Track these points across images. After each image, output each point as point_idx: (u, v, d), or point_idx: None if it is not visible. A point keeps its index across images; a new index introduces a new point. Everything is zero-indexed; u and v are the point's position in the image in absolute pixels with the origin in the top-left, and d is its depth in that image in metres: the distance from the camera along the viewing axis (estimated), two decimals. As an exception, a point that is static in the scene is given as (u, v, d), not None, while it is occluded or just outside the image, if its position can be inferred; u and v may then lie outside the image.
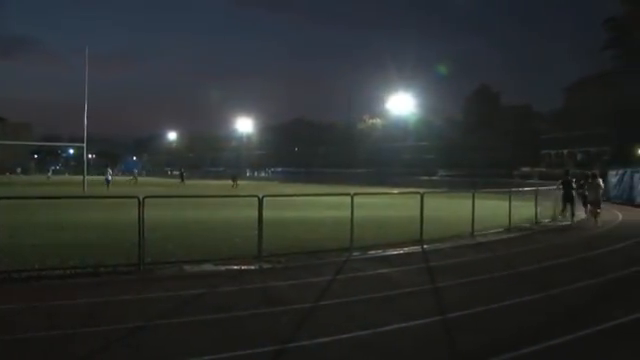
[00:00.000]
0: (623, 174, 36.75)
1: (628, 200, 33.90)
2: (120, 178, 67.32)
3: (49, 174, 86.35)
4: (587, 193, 21.22)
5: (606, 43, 60.98)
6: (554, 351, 5.77)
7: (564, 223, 20.32)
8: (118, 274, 9.41)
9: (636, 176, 34.31)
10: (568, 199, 20.88)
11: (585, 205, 21.61)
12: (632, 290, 9.27)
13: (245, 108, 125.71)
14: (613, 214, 24.63)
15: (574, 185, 21.31)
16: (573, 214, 20.78)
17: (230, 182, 55.29)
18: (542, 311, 7.55)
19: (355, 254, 11.89)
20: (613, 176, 38.59)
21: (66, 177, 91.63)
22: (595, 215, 20.06)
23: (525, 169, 65.51)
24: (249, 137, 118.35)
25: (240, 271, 10.07)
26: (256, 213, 11.03)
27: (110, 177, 44.69)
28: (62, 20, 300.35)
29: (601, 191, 21.07)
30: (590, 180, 21.13)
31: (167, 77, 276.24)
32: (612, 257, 12.77)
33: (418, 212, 14.10)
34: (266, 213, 11.21)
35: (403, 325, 6.55)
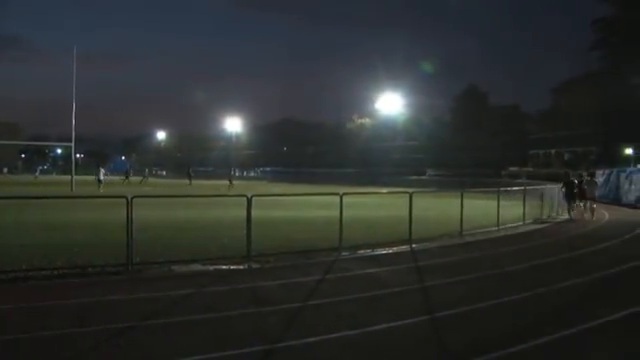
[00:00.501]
0: (610, 174, 37.10)
1: (615, 199, 34.22)
2: (134, 178, 65.75)
3: (37, 174, 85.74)
4: (586, 188, 23.62)
5: (593, 44, 61.49)
6: (542, 349, 5.82)
7: (550, 222, 20.53)
8: (106, 274, 9.38)
9: (622, 176, 34.66)
10: (571, 198, 23.32)
11: (582, 200, 23.88)
12: (617, 289, 9.38)
13: (234, 108, 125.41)
14: (600, 213, 24.84)
15: (576, 185, 23.84)
16: (570, 211, 23.15)
17: (227, 182, 55.03)
18: (530, 310, 7.62)
19: (344, 254, 11.92)
20: (600, 176, 38.92)
21: (54, 177, 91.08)
22: (592, 210, 23.21)
23: (513, 169, 65.98)
24: (238, 137, 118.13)
25: (229, 271, 10.08)
26: (245, 213, 11.02)
27: (102, 177, 44.22)
28: (51, 19, 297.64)
29: (597, 188, 25.30)
30: (589, 179, 24.40)
31: (157, 77, 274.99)
32: (598, 256, 12.88)
33: (407, 212, 14.15)
34: (255, 213, 11.21)
35: (392, 324, 6.59)
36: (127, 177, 58.34)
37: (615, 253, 13.33)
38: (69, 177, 44.93)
